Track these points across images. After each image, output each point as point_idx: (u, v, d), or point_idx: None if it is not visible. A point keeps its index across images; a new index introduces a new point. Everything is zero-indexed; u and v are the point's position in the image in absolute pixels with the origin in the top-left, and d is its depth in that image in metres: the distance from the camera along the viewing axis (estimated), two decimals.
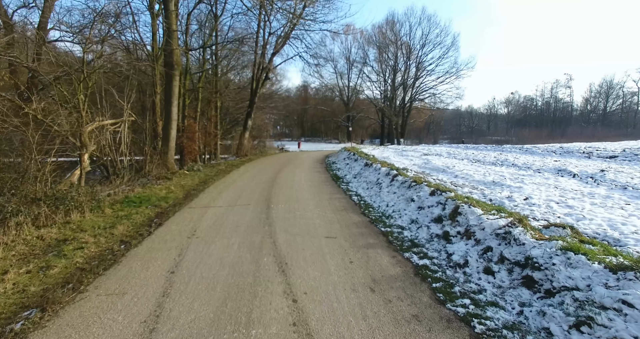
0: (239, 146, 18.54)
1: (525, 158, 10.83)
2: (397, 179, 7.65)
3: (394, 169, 8.62)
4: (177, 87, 11.67)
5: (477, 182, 6.99)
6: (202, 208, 6.81)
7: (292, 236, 4.95)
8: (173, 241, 4.80)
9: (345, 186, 9.05)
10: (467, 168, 9.13)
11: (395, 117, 42.51)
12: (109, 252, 4.34)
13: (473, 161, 11.11)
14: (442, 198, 5.46)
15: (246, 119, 19.35)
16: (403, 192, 6.87)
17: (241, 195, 8.09)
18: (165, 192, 8.52)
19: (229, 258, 4.12)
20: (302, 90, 59.16)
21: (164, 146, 11.52)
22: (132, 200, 7.43)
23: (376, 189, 8.03)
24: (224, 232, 5.18)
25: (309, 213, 6.32)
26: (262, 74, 19.24)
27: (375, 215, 6.14)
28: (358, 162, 12.28)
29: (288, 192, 8.39)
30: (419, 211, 5.67)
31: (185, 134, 13.06)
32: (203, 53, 14.82)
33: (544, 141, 43.86)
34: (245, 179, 10.80)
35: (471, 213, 4.49)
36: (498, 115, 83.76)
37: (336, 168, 13.14)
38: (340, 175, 11.14)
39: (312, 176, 11.44)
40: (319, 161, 17.49)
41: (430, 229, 4.87)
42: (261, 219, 5.92)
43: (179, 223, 5.73)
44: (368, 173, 9.86)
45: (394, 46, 41.83)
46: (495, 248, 3.53)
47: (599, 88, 67.71)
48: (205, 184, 9.90)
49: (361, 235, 5.02)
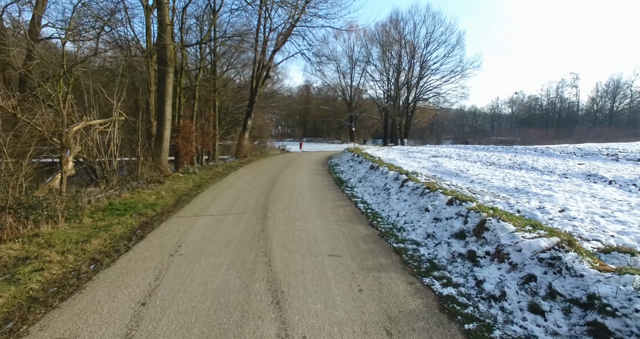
0: (239, 147, 17.90)
1: (544, 161, 10.09)
2: (408, 185, 6.96)
3: (402, 173, 7.93)
4: (171, 84, 11.03)
5: (498, 189, 6.29)
6: (192, 218, 6.15)
7: (290, 254, 4.28)
8: (152, 259, 4.13)
9: (350, 192, 8.36)
10: (482, 172, 8.42)
11: (399, 116, 41.76)
12: (74, 275, 3.68)
13: (487, 164, 10.37)
14: (462, 208, 4.77)
15: (246, 119, 18.69)
16: (415, 200, 6.17)
17: (236, 202, 7.42)
18: (154, 198, 7.88)
19: (215, 284, 3.45)
20: (304, 89, 58.53)
21: (157, 147, 10.88)
22: (116, 207, 6.79)
23: (384, 195, 7.34)
24: (212, 248, 4.52)
25: (310, 224, 5.64)
26: (262, 72, 18.58)
27: (385, 226, 5.45)
28: (363, 165, 11.59)
29: (287, 198, 7.72)
30: (436, 223, 4.98)
31: (180, 135, 12.43)
32: (200, 50, 14.17)
33: (550, 141, 42.97)
34: (242, 183, 10.14)
35: (501, 229, 3.80)
36: (502, 115, 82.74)
37: (339, 171, 12.46)
38: (344, 179, 10.46)
39: (313, 179, 10.77)
40: (321, 163, 16.81)
41: (452, 246, 4.17)
42: (256, 231, 5.25)
43: (163, 236, 5.07)
44: (374, 177, 9.17)
45: (397, 44, 41.11)
46: (540, 277, 2.84)
47: (605, 88, 66.60)
48: (200, 188, 9.24)
49: (370, 252, 4.34)
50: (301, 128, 61.58)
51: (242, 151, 17.74)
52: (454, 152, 15.69)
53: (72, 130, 8.41)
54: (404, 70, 42.24)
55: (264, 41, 18.11)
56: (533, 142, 46.20)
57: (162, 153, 10.98)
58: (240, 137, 18.39)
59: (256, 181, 10.42)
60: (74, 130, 8.52)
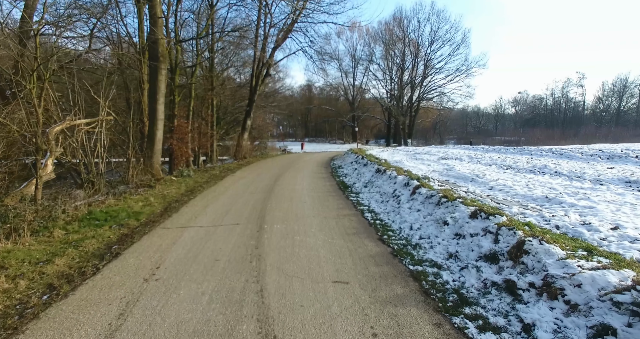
0: (237, 148, 17.22)
1: (567, 165, 9.30)
2: (420, 192, 6.24)
3: (413, 178, 7.20)
4: (164, 82, 10.37)
5: (524, 197, 5.57)
6: (179, 229, 5.46)
7: (287, 280, 3.58)
8: (121, 286, 3.44)
9: (355, 198, 7.65)
10: (501, 177, 7.68)
11: (402, 116, 40.98)
12: (17, 310, 2.99)
13: (503, 167, 9.59)
14: (489, 223, 4.05)
15: (245, 119, 18.00)
16: (430, 210, 5.45)
17: (230, 210, 6.72)
18: (141, 205, 7.20)
19: (192, 324, 2.75)
20: (306, 89, 57.91)
21: (148, 149, 10.22)
22: (96, 216, 6.11)
23: (393, 203, 6.62)
24: (196, 270, 3.82)
25: (311, 238, 4.94)
26: (262, 70, 17.89)
27: (398, 242, 4.74)
28: (368, 167, 10.87)
29: (287, 206, 7.02)
30: (458, 240, 4.26)
31: (175, 135, 11.77)
32: (197, 46, 13.50)
33: (557, 142, 42.01)
34: (238, 187, 9.44)
35: (546, 253, 3.08)
36: (505, 115, 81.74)
37: (343, 174, 11.75)
38: (348, 183, 9.74)
39: (315, 184, 10.06)
40: (324, 164, 16.10)
41: (482, 272, 3.46)
42: (249, 248, 4.55)
43: (141, 254, 4.38)
44: (381, 181, 8.45)
45: (401, 43, 40.36)
46: (622, 331, 2.12)
47: (612, 87, 65.52)
48: (192, 194, 8.56)
49: (383, 277, 3.63)
50: (303, 128, 60.94)
51: (241, 152, 17.06)
52: (464, 154, 14.86)
53: (53, 130, 7.74)
54: (408, 69, 41.53)
55: (264, 37, 17.44)
56: (539, 143, 45.24)
57: (154, 155, 10.31)
58: (239, 137, 17.71)
59: (254, 185, 9.73)
60: (55, 130, 7.86)
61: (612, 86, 65.24)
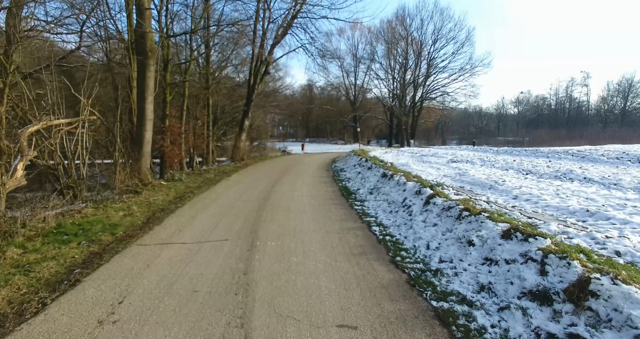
0: (235, 149, 16.47)
1: (594, 169, 8.45)
2: (435, 202, 5.46)
3: (426, 185, 6.43)
4: (153, 79, 9.62)
5: (558, 210, 4.79)
6: (157, 247, 4.70)
7: (279, 322, 2.81)
8: (65, 334, 2.68)
9: (360, 207, 6.88)
10: (524, 184, 6.89)
11: (405, 116, 40.16)
12: None
13: (523, 172, 8.74)
14: (530, 247, 3.29)
15: (243, 119, 17.24)
16: (449, 225, 4.68)
17: (220, 222, 5.96)
18: (121, 215, 6.45)
19: None
20: (306, 89, 57.22)
21: (136, 151, 9.48)
22: (65, 229, 5.36)
23: (404, 215, 5.84)
24: (166, 308, 3.06)
25: (310, 261, 4.17)
26: (260, 68, 17.14)
27: (414, 266, 3.96)
28: (373, 171, 10.09)
29: (283, 217, 6.25)
30: (490, 267, 3.49)
31: (166, 137, 11.03)
32: (190, 41, 12.74)
33: (562, 142, 41.09)
34: (232, 194, 8.68)
35: (627, 300, 2.31)
36: (507, 115, 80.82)
37: (345, 178, 10.97)
38: (351, 189, 8.96)
39: (316, 189, 9.30)
40: (325, 167, 15.33)
41: (530, 317, 2.68)
42: (236, 274, 3.79)
43: (105, 282, 3.62)
44: (389, 188, 7.67)
45: (404, 41, 39.56)
46: None
47: (617, 87, 64.60)
48: (181, 201, 7.81)
49: (401, 320, 2.86)
50: (304, 129, 60.22)
51: (238, 154, 16.30)
52: (475, 157, 13.95)
53: (26, 131, 6.99)
54: (411, 68, 40.71)
55: (263, 33, 16.71)
56: (544, 143, 44.37)
57: (142, 158, 9.56)
58: (237, 138, 16.95)
59: (249, 191, 8.96)
60: (29, 131, 7.12)
61: (617, 86, 64.33)
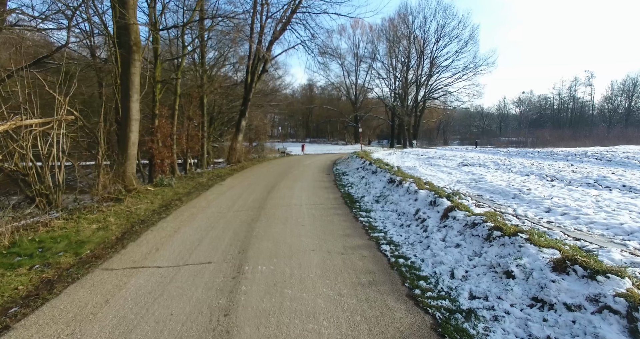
0: (231, 151, 15.67)
1: (632, 175, 7.53)
2: (455, 216, 4.66)
3: (441, 195, 5.62)
4: (138, 75, 8.83)
5: (607, 228, 3.99)
6: (125, 272, 3.92)
7: None
8: None
9: (366, 219, 6.08)
10: (553, 193, 6.05)
11: (407, 116, 39.33)
12: None
13: (546, 178, 7.81)
14: (602, 290, 2.50)
15: (239, 119, 16.44)
16: (477, 247, 3.88)
17: (205, 237, 5.17)
18: (94, 228, 5.67)
19: None
20: (307, 89, 56.49)
21: (120, 155, 8.70)
22: (20, 249, 4.57)
23: (418, 230, 5.04)
24: None
25: (309, 294, 3.38)
26: (258, 66, 16.34)
27: (438, 302, 3.16)
28: (378, 176, 9.28)
29: (279, 231, 5.46)
30: (543, 312, 2.69)
31: (155, 138, 10.24)
32: (182, 35, 11.91)
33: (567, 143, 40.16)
34: (224, 201, 7.89)
35: None
36: (509, 115, 79.94)
37: (348, 183, 10.17)
38: (355, 196, 8.16)
39: (316, 196, 8.51)
40: (326, 170, 14.53)
41: None
42: (214, 315, 3.00)
43: (41, 329, 2.83)
44: (397, 196, 6.87)
45: (406, 40, 38.72)
46: None
47: (621, 86, 63.70)
48: (166, 211, 7.02)
49: None
50: (304, 129, 59.48)
51: (235, 155, 15.51)
52: (488, 159, 13.01)
53: None
54: (413, 67, 39.87)
55: (261, 29, 15.91)
56: (548, 144, 43.46)
57: (127, 161, 8.78)
58: (233, 139, 16.14)
59: (242, 198, 8.17)
60: None
61: (621, 85, 63.43)
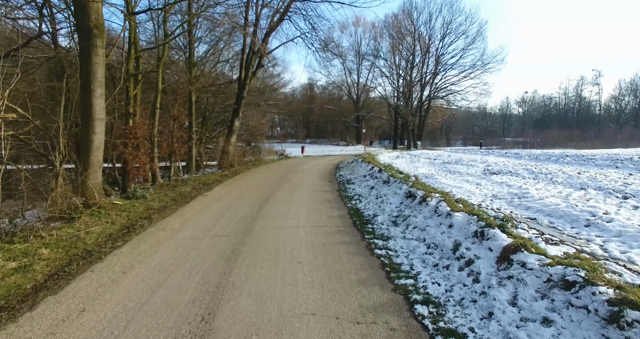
0: (222, 155, 14.11)
1: None
2: (526, 264, 3.12)
3: (491, 224, 4.07)
4: (103, 66, 7.31)
5: None
6: None
7: None
8: None
9: (384, 252, 4.54)
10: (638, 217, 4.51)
11: (412, 116, 37.72)
12: None
13: (612, 193, 5.98)
14: None
15: (232, 119, 14.88)
16: (594, 332, 2.33)
17: (159, 288, 3.62)
18: (11, 267, 4.15)
19: None
20: (307, 88, 54.93)
21: (80, 161, 7.17)
22: None
23: (463, 277, 3.49)
24: None
25: None
26: (253, 59, 14.78)
27: None
28: (391, 188, 7.72)
29: (265, 277, 3.91)
30: None
31: (129, 141, 8.72)
32: (164, 20, 10.27)
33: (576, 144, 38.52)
34: (203, 221, 6.34)
35: None
36: (512, 116, 78.35)
37: (355, 195, 8.61)
38: (365, 215, 6.59)
39: (317, 213, 6.97)
40: (328, 176, 12.97)
41: None
42: None
43: None
44: (422, 218, 5.31)
45: (411, 37, 37.13)
46: None
47: (629, 85, 62.06)
48: (126, 236, 5.48)
49: None
50: (304, 129, 57.94)
51: (227, 159, 13.95)
52: (518, 166, 10.83)
53: None
54: (417, 65, 38.27)
55: (256, 19, 14.36)
56: (556, 145, 41.85)
57: (90, 168, 7.24)
58: (226, 141, 14.57)
59: (227, 216, 6.62)
60: None
61: (629, 84, 61.79)
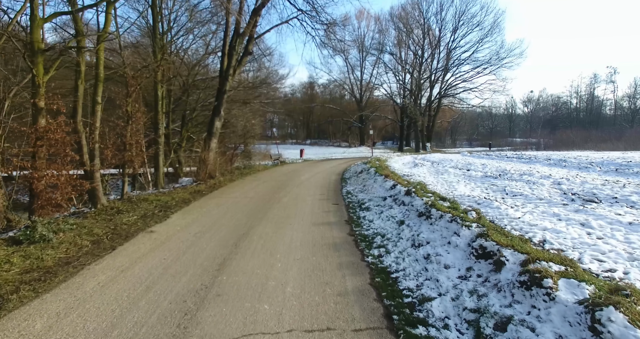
0: (201, 163, 11.33)
1: None
2: None
3: None
4: None
5: None
6: None
7: None
8: None
9: None
10: None
11: (421, 116, 34.79)
12: None
13: None
14: None
15: (212, 118, 12.00)
16: None
17: None
18: None
19: None
20: (307, 87, 52.10)
21: None
22: None
23: None
24: None
25: None
26: (238, 45, 11.94)
27: None
28: (437, 229, 4.80)
29: None
30: None
31: (39, 149, 5.90)
32: None
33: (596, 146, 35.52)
34: (105, 304, 3.47)
35: None
36: (518, 115, 75.53)
37: (376, 236, 5.73)
38: (405, 292, 3.73)
39: (317, 284, 4.12)
40: (332, 194, 10.04)
41: None
42: None
43: None
44: (537, 321, 2.46)
45: (419, 29, 34.22)
46: None
47: None
48: None
49: None
50: (304, 130, 55.13)
51: (205, 169, 11.13)
52: (616, 186, 7.25)
53: None
54: (427, 61, 35.37)
55: None
56: (573, 146, 38.92)
57: None
58: (204, 146, 11.73)
59: (156, 289, 3.76)
60: None
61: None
